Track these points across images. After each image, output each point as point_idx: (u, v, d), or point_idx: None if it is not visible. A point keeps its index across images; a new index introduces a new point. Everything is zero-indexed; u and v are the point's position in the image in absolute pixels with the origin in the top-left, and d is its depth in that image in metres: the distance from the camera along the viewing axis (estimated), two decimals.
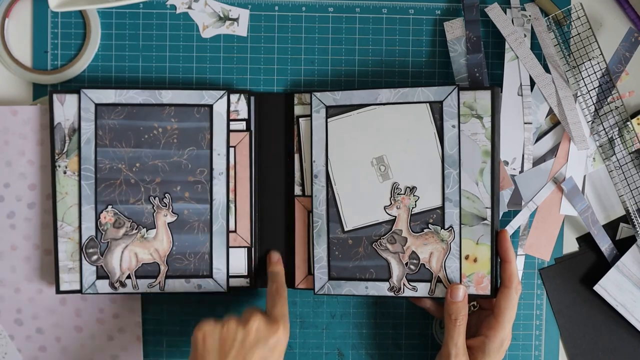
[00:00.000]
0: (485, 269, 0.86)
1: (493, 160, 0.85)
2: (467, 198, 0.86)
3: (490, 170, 0.85)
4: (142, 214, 0.88)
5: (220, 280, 0.90)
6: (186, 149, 0.89)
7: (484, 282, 0.86)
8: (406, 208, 0.88)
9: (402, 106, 0.87)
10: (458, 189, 0.86)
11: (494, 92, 0.85)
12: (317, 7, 0.93)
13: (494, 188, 0.85)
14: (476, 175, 0.86)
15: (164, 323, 0.93)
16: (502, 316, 0.84)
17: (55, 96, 0.87)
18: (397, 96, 0.87)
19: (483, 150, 0.85)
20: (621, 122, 0.92)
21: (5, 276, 0.91)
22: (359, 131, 0.88)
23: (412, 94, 0.87)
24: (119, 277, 0.88)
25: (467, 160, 0.86)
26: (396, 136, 0.88)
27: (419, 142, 0.87)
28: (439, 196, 0.87)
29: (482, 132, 0.85)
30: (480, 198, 0.86)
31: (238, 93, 0.89)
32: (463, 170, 0.86)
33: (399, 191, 0.88)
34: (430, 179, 0.87)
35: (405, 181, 0.88)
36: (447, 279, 0.86)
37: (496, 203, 0.86)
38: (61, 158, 0.87)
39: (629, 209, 0.92)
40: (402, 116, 0.87)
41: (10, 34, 0.92)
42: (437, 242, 0.87)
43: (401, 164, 0.88)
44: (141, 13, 0.92)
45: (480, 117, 0.85)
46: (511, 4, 0.92)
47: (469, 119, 0.86)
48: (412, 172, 0.88)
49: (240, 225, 0.90)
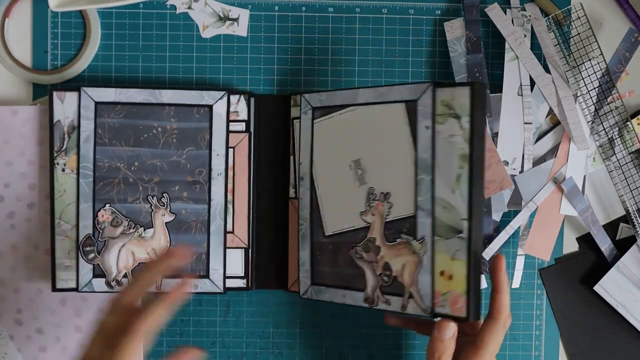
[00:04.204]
0: (461, 288, 0.76)
1: (472, 165, 0.75)
2: (443, 207, 0.77)
3: (467, 177, 0.75)
4: (140, 213, 0.88)
5: (217, 281, 0.90)
6: (185, 149, 0.89)
7: (459, 303, 0.75)
8: (380, 215, 0.82)
9: (379, 106, 0.82)
10: (431, 197, 0.78)
11: (474, 88, 0.75)
12: (317, 7, 0.93)
13: (473, 197, 0.75)
14: (453, 182, 0.76)
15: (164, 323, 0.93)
16: (483, 349, 0.77)
17: (55, 94, 0.87)
18: (375, 96, 0.83)
19: (460, 154, 0.76)
20: (621, 122, 0.91)
21: (5, 276, 0.91)
22: (340, 133, 0.86)
23: (389, 93, 0.82)
24: (115, 275, 0.88)
25: (443, 165, 0.77)
26: (373, 138, 0.83)
27: (394, 144, 0.81)
28: (412, 204, 0.80)
29: (460, 134, 0.76)
30: (456, 208, 0.76)
31: (238, 94, 0.90)
32: (438, 176, 0.77)
33: (374, 197, 0.83)
34: (404, 185, 0.80)
35: (381, 186, 0.82)
36: (420, 296, 0.79)
37: (476, 214, 0.75)
38: (60, 156, 0.88)
39: (629, 209, 0.92)
40: (379, 117, 0.82)
41: (10, 34, 0.92)
42: (410, 254, 0.80)
43: (377, 168, 0.83)
44: (141, 13, 0.92)
45: (458, 117, 0.76)
46: (511, 4, 0.92)
47: (447, 120, 0.77)
48: (388, 177, 0.82)
49: (237, 226, 0.90)
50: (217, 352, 0.94)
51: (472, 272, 0.75)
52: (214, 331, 0.94)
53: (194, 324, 0.94)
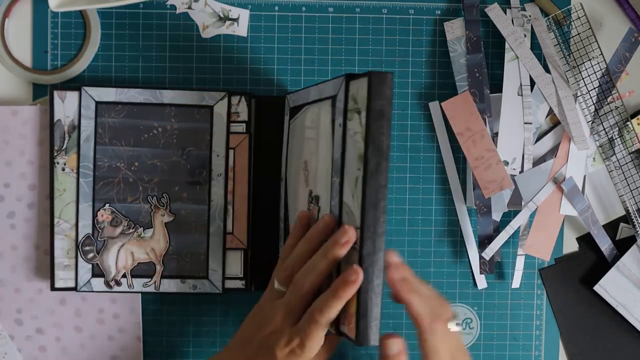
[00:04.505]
0: (353, 307, 0.68)
1: (366, 166, 0.65)
2: (347, 213, 0.69)
3: (362, 181, 0.66)
4: (139, 213, 0.88)
5: (215, 282, 0.90)
6: (185, 150, 0.89)
7: (351, 322, 0.67)
8: (314, 219, 0.77)
9: (317, 104, 0.77)
10: (339, 201, 0.70)
11: (371, 77, 0.65)
12: (317, 7, 0.93)
13: (366, 204, 0.65)
14: (352, 186, 0.68)
15: (163, 323, 0.93)
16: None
17: (56, 93, 0.87)
18: (317, 93, 0.78)
19: (358, 154, 0.67)
20: (621, 122, 0.91)
21: (5, 276, 0.91)
22: (298, 133, 0.84)
23: (324, 90, 0.76)
24: (114, 275, 0.88)
25: (349, 166, 0.69)
26: (312, 138, 0.78)
27: (323, 144, 0.75)
28: (328, 209, 0.73)
29: (359, 131, 0.67)
30: (354, 214, 0.68)
31: (239, 95, 0.89)
32: (346, 178, 0.69)
33: (311, 199, 0.78)
34: (326, 187, 0.74)
35: (315, 189, 0.77)
36: None
37: (371, 224, 0.66)
38: (60, 155, 0.88)
39: (629, 209, 0.92)
40: (316, 115, 0.78)
41: (10, 34, 0.92)
42: None
43: (315, 170, 0.78)
44: (141, 13, 0.92)
45: (359, 112, 0.67)
46: (511, 4, 0.92)
47: (353, 115, 0.68)
48: (320, 179, 0.76)
49: (237, 227, 0.90)
50: (217, 352, 0.94)
51: (363, 290, 0.67)
52: (214, 331, 0.94)
53: (194, 324, 0.94)
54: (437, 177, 0.94)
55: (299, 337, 0.69)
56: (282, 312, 0.72)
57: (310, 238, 0.74)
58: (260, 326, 0.74)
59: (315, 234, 0.73)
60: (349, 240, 0.68)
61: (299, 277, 0.72)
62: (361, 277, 0.66)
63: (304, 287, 0.71)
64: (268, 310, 0.74)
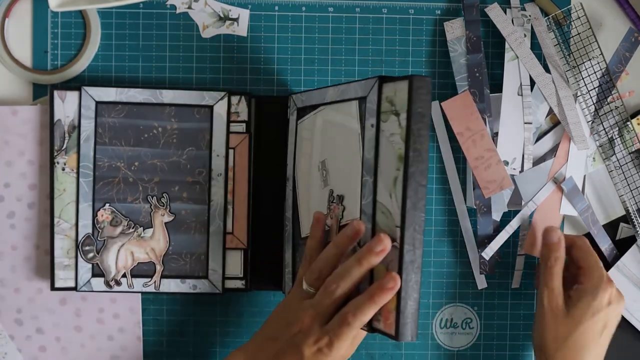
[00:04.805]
0: (392, 304, 0.69)
1: (407, 167, 0.67)
2: (382, 213, 0.71)
3: (402, 180, 0.68)
4: (139, 213, 0.88)
5: (215, 282, 0.90)
6: (185, 149, 0.89)
7: (390, 319, 0.69)
8: (336, 219, 0.79)
9: (339, 105, 0.79)
10: (372, 200, 0.72)
11: (412, 81, 0.68)
12: (317, 7, 0.93)
13: (407, 203, 0.67)
14: (390, 186, 0.70)
15: (164, 323, 0.93)
16: (585, 262, 0.85)
17: (56, 93, 0.87)
18: (337, 94, 0.79)
19: (398, 155, 0.69)
20: (621, 122, 0.91)
21: (5, 276, 0.91)
22: (312, 133, 0.84)
23: (347, 91, 0.77)
24: (114, 275, 0.88)
25: (384, 166, 0.71)
26: (333, 138, 0.80)
27: (348, 144, 0.76)
28: (358, 208, 0.75)
29: (398, 133, 0.69)
30: (392, 214, 0.70)
31: (239, 95, 0.89)
32: (380, 178, 0.71)
33: (332, 199, 0.79)
34: (354, 187, 0.75)
35: (338, 189, 0.79)
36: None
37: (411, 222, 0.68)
38: (60, 155, 0.88)
39: (629, 209, 0.92)
40: (339, 116, 0.79)
41: (10, 34, 0.92)
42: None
43: (336, 170, 0.79)
44: (141, 13, 0.92)
45: (398, 114, 0.69)
46: (511, 4, 0.92)
47: (389, 117, 0.70)
48: (343, 179, 0.78)
49: (237, 227, 0.90)
50: (217, 352, 0.94)
51: (403, 287, 0.69)
52: (214, 331, 0.94)
53: (194, 324, 0.94)
54: (437, 177, 0.94)
55: (328, 337, 0.71)
56: (312, 313, 0.73)
57: (339, 243, 0.74)
58: (288, 325, 0.75)
59: (344, 238, 0.74)
60: (384, 249, 0.70)
61: (331, 281, 0.72)
62: (399, 283, 0.68)
63: (336, 292, 0.72)
64: (296, 310, 0.75)
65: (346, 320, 0.70)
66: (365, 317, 0.70)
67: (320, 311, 0.72)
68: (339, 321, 0.71)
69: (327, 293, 0.72)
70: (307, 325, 0.73)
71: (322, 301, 0.73)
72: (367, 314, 0.70)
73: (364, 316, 0.70)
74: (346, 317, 0.70)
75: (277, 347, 0.75)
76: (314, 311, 0.73)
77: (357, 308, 0.70)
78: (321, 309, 0.72)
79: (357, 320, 0.70)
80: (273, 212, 0.91)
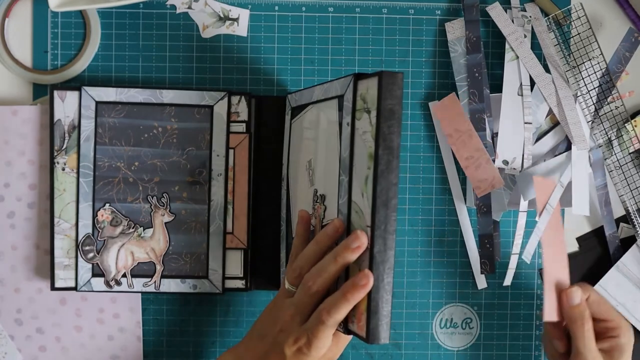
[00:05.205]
0: (363, 304, 0.69)
1: (376, 165, 0.66)
2: (355, 212, 0.70)
3: (372, 179, 0.67)
4: (139, 213, 0.88)
5: (215, 282, 0.90)
6: (185, 149, 0.89)
7: (362, 320, 0.69)
8: (318, 219, 0.78)
9: (322, 103, 0.78)
10: (347, 200, 0.71)
11: (381, 77, 0.66)
12: (317, 7, 0.93)
13: (376, 202, 0.66)
14: (362, 184, 0.69)
15: (164, 323, 0.93)
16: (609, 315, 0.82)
17: (56, 93, 0.87)
18: (322, 93, 0.78)
19: (368, 153, 0.67)
20: (621, 122, 0.91)
21: (5, 276, 0.91)
22: (302, 133, 0.84)
23: (329, 89, 0.76)
24: (114, 275, 0.88)
25: (358, 165, 0.69)
26: (317, 137, 0.79)
27: (330, 143, 0.76)
28: (336, 207, 0.74)
29: (369, 130, 0.67)
30: (364, 213, 0.68)
31: (239, 95, 0.89)
32: (355, 177, 0.70)
33: (316, 199, 0.79)
34: (334, 186, 0.74)
35: (321, 188, 0.78)
36: None
37: (381, 222, 0.67)
38: (60, 155, 0.88)
39: (629, 209, 0.92)
40: (321, 115, 0.78)
41: (10, 34, 0.92)
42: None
43: (321, 169, 0.78)
44: (141, 13, 0.92)
45: (369, 111, 0.68)
46: (511, 4, 0.92)
47: (362, 115, 0.69)
48: (325, 178, 0.77)
49: (237, 227, 0.90)
50: (217, 352, 0.94)
51: (374, 288, 0.67)
52: (214, 331, 0.94)
53: (194, 324, 0.94)
54: (437, 177, 0.94)
55: (306, 336, 0.71)
56: (291, 311, 0.73)
57: (319, 240, 0.74)
58: (273, 323, 0.75)
59: (324, 237, 0.74)
60: (361, 245, 0.69)
61: (308, 278, 0.72)
62: (371, 281, 0.67)
63: (313, 288, 0.72)
64: (279, 308, 0.76)
65: (321, 319, 0.70)
66: (339, 316, 0.69)
67: (299, 309, 0.72)
68: (315, 320, 0.70)
69: (304, 290, 0.72)
70: (288, 324, 0.73)
71: (301, 299, 0.73)
72: (341, 312, 0.69)
73: (337, 314, 0.69)
74: (321, 315, 0.70)
75: (264, 347, 0.75)
76: (294, 309, 0.73)
77: (331, 306, 0.69)
78: (300, 307, 0.72)
79: (331, 318, 0.69)
80: (273, 212, 0.91)
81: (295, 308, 0.73)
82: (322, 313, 0.70)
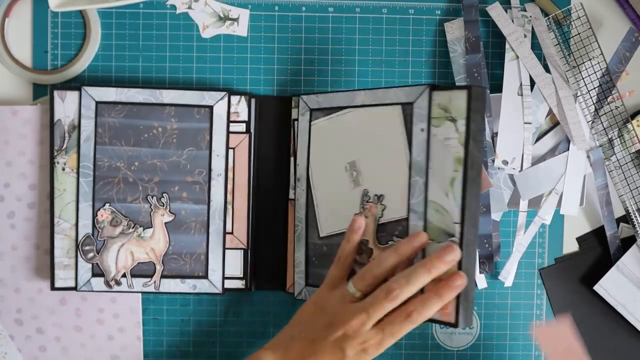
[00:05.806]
0: None
1: (466, 169, 0.74)
2: (436, 210, 0.76)
3: (461, 181, 0.74)
4: (139, 213, 0.88)
5: (215, 282, 0.90)
6: (185, 149, 0.89)
7: (448, 308, 0.74)
8: (373, 217, 0.82)
9: (375, 108, 0.82)
10: (424, 199, 0.77)
11: (471, 92, 0.74)
12: (317, 7, 0.93)
13: (466, 201, 0.74)
14: (446, 186, 0.75)
15: (164, 323, 0.93)
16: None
17: (56, 93, 0.87)
18: (372, 98, 0.83)
19: (455, 158, 0.75)
20: (621, 122, 0.91)
21: (5, 276, 0.91)
22: (337, 135, 0.86)
23: (385, 96, 0.81)
24: (114, 275, 0.88)
25: (437, 168, 0.76)
26: (368, 140, 0.83)
27: (390, 146, 0.81)
28: (405, 206, 0.79)
29: (456, 137, 0.75)
30: (449, 211, 0.75)
31: (239, 95, 0.89)
32: (432, 179, 0.77)
33: (367, 199, 0.82)
34: (398, 187, 0.80)
35: (375, 188, 0.82)
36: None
37: (470, 218, 0.74)
38: (60, 155, 0.88)
39: (629, 209, 0.92)
40: (375, 119, 0.82)
41: (10, 34, 0.92)
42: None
43: (372, 170, 0.83)
44: (141, 13, 0.92)
45: (454, 120, 0.75)
46: (511, 4, 0.92)
47: (443, 122, 0.76)
48: (382, 179, 0.82)
49: (237, 227, 0.90)
50: (217, 352, 0.94)
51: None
52: (214, 331, 0.94)
53: (194, 324, 0.94)
54: None
55: (380, 336, 0.73)
56: (362, 316, 0.73)
57: (402, 252, 0.76)
58: (328, 326, 0.75)
59: (408, 248, 0.76)
60: (455, 259, 0.73)
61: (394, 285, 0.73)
62: (465, 282, 0.73)
63: (400, 296, 0.73)
64: (339, 312, 0.75)
65: (410, 318, 0.72)
66: (429, 314, 0.73)
67: (373, 314, 0.73)
68: (401, 319, 0.72)
69: (390, 298, 0.73)
70: (355, 328, 0.73)
71: (378, 304, 0.73)
72: (433, 310, 0.73)
73: (429, 313, 0.73)
74: (411, 315, 0.72)
75: (314, 348, 0.75)
76: (365, 315, 0.73)
77: (423, 306, 0.72)
78: (374, 313, 0.73)
79: (421, 317, 0.72)
80: (273, 212, 0.91)
81: (368, 314, 0.73)
82: (413, 313, 0.72)
